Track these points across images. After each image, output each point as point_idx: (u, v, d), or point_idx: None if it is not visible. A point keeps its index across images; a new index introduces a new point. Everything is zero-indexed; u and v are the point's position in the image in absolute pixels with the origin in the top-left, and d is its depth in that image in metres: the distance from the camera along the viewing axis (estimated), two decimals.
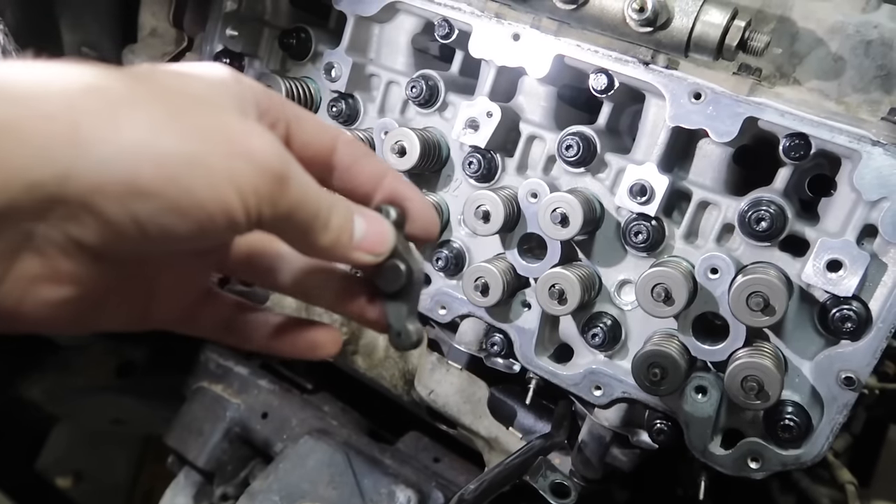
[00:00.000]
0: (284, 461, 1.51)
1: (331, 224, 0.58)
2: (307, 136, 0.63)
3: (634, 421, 1.20)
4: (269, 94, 0.61)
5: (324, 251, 0.59)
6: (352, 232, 0.60)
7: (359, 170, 0.66)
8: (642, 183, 1.05)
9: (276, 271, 0.71)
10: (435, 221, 0.70)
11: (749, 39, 0.97)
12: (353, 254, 0.61)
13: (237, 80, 0.59)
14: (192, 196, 0.48)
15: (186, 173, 0.48)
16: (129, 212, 0.47)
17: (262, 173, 0.51)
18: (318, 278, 0.71)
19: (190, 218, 0.49)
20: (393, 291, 0.66)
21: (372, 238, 0.62)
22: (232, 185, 0.49)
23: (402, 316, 0.67)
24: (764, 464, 1.07)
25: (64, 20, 1.56)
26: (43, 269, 0.49)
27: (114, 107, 0.47)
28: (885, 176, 0.93)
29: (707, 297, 1.04)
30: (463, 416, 1.42)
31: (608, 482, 1.32)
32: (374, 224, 0.63)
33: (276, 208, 0.53)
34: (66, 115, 0.45)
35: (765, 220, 0.99)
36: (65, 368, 2.33)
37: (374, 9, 1.26)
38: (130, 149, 0.46)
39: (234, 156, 0.50)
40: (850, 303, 0.97)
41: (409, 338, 0.67)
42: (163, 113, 0.49)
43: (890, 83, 1.00)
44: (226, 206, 0.49)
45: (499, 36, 1.14)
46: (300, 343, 0.71)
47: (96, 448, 2.49)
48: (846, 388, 0.99)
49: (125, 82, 0.50)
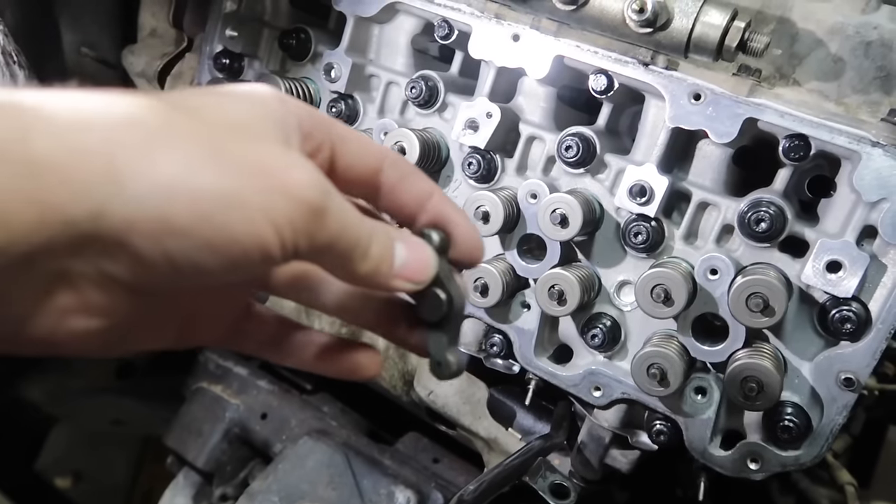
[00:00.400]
0: (284, 462, 1.51)
1: (370, 253, 0.57)
2: (352, 156, 0.62)
3: (634, 422, 1.20)
4: (313, 116, 0.60)
5: (363, 279, 0.58)
6: (392, 260, 0.59)
7: (404, 189, 0.65)
8: (642, 184, 1.05)
9: (318, 292, 0.70)
10: (479, 246, 0.68)
11: (749, 40, 0.97)
12: (394, 282, 0.60)
13: (282, 103, 0.57)
14: (227, 233, 0.48)
15: (221, 211, 0.47)
16: (162, 249, 0.46)
17: (300, 207, 0.50)
18: (359, 300, 0.70)
19: (224, 254, 0.48)
20: (433, 321, 0.64)
21: (413, 266, 0.60)
22: (268, 220, 0.49)
23: (442, 345, 0.65)
24: (763, 465, 1.07)
25: (63, 20, 1.56)
26: (76, 303, 0.49)
27: (151, 141, 0.47)
28: (885, 177, 0.93)
29: (707, 298, 1.04)
30: (462, 417, 1.42)
31: (607, 483, 1.32)
32: (415, 251, 0.61)
33: (314, 241, 0.52)
34: (103, 149, 0.45)
35: (764, 221, 0.99)
36: (65, 369, 2.33)
37: (373, 9, 1.26)
38: (165, 186, 0.46)
39: (271, 190, 0.49)
40: (850, 304, 0.97)
41: (450, 368, 0.65)
42: (200, 147, 0.48)
43: (889, 84, 1.00)
44: (261, 241, 0.49)
45: (498, 37, 1.14)
46: (343, 364, 0.70)
47: (96, 448, 2.49)
48: (846, 389, 0.99)
49: (165, 115, 0.49)
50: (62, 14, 1.56)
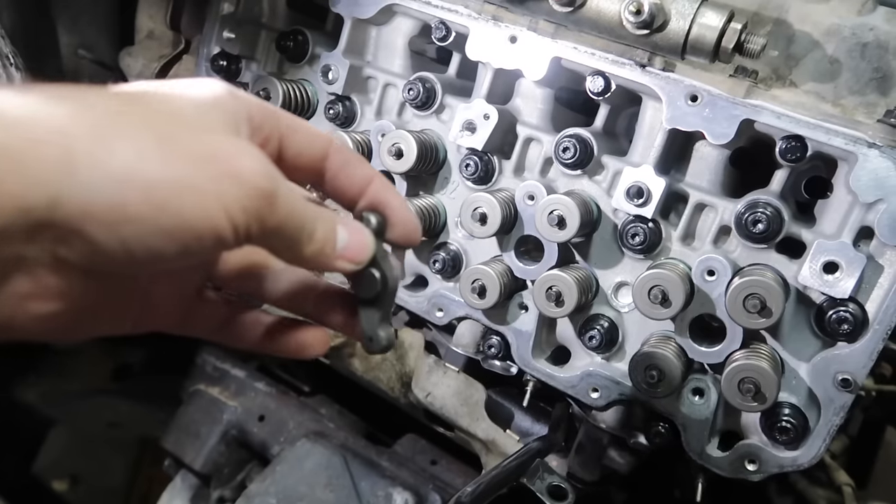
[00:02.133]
0: (281, 464, 1.50)
1: (315, 235, 0.60)
2: (301, 145, 0.66)
3: (632, 423, 1.20)
4: (263, 108, 0.63)
5: (308, 261, 0.62)
6: (335, 242, 0.62)
7: (346, 176, 0.69)
8: (639, 185, 1.05)
9: (262, 283, 0.74)
10: (415, 228, 0.72)
11: (745, 42, 0.97)
12: (336, 262, 0.63)
13: (231, 96, 0.60)
14: (181, 219, 0.50)
15: (174, 198, 0.49)
16: (117, 236, 0.48)
17: (251, 193, 0.53)
18: (301, 291, 0.75)
19: (179, 240, 0.50)
20: (368, 298, 0.69)
21: (353, 247, 0.64)
22: (221, 206, 0.51)
23: (374, 322, 0.69)
24: (761, 466, 1.07)
25: (61, 22, 1.56)
26: (33, 288, 0.51)
27: (104, 132, 0.48)
28: (882, 178, 0.93)
29: (704, 299, 1.04)
30: (460, 419, 1.42)
31: (605, 484, 1.32)
32: (355, 234, 0.65)
33: (265, 224, 0.55)
34: (57, 139, 0.46)
35: (761, 222, 0.99)
36: (61, 372, 2.32)
37: (371, 11, 1.26)
38: (119, 175, 0.47)
39: (223, 177, 0.52)
40: (847, 304, 0.97)
41: (379, 343, 0.70)
42: (152, 138, 0.50)
43: (886, 85, 1.01)
44: (214, 226, 0.51)
45: (496, 38, 1.15)
46: (290, 343, 0.74)
47: (93, 451, 2.48)
48: (843, 390, 1.00)
49: (116, 107, 0.51)
50: (59, 16, 1.55)
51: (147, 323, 0.68)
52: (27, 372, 2.26)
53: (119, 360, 2.38)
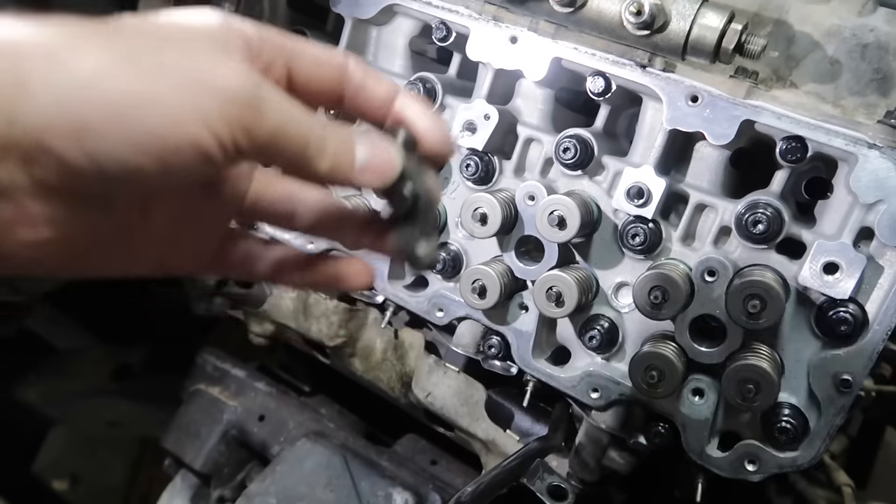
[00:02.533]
0: (281, 464, 1.50)
1: (327, 148, 0.57)
2: (310, 69, 0.62)
3: (631, 423, 1.20)
4: (263, 35, 0.60)
5: (325, 177, 0.59)
6: (353, 156, 0.59)
7: (367, 95, 0.65)
8: (639, 185, 1.05)
9: (294, 214, 0.72)
10: (447, 139, 0.68)
11: (746, 42, 0.97)
12: (358, 177, 0.60)
13: (224, 23, 0.58)
14: (148, 131, 0.48)
15: (134, 108, 0.48)
16: (83, 149, 0.47)
17: (230, 102, 0.51)
18: (336, 218, 0.72)
19: (151, 153, 0.49)
20: (401, 214, 0.66)
21: (377, 161, 0.61)
22: (197, 117, 0.49)
23: (413, 238, 0.66)
24: (761, 466, 1.07)
25: None
26: (15, 214, 0.50)
27: (63, 50, 0.47)
28: (882, 179, 0.93)
29: (704, 300, 1.04)
30: (460, 419, 1.42)
31: (605, 484, 1.32)
32: (377, 147, 0.61)
33: (254, 136, 0.52)
34: (10, 60, 0.45)
35: (762, 223, 0.99)
36: (61, 371, 2.32)
37: (371, 11, 1.26)
38: (76, 87, 0.46)
39: (196, 89, 0.50)
40: (847, 305, 0.97)
41: (421, 261, 0.66)
42: (117, 54, 0.49)
43: (886, 86, 1.01)
44: (192, 138, 0.49)
45: (496, 39, 1.15)
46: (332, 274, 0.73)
47: (93, 451, 2.48)
48: (843, 391, 1.00)
49: (82, 28, 0.50)
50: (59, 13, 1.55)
51: (175, 264, 0.66)
52: (27, 371, 2.27)
53: (119, 360, 2.38)
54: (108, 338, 2.38)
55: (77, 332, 2.35)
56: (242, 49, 0.57)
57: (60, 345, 2.34)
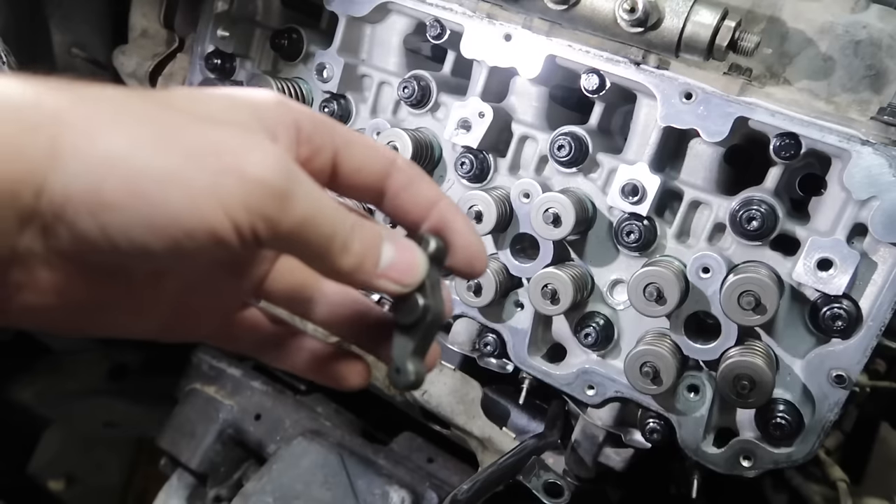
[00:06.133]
0: (278, 462, 1.50)
1: (353, 247, 0.55)
2: (358, 161, 0.61)
3: (627, 420, 1.20)
4: (315, 119, 0.59)
5: (346, 275, 0.56)
6: (378, 258, 0.57)
7: (410, 195, 0.63)
8: (634, 183, 1.05)
9: (312, 303, 0.70)
10: (482, 258, 0.66)
11: (739, 39, 0.98)
12: (378, 281, 0.58)
13: (278, 103, 0.56)
14: (165, 212, 0.47)
15: (157, 189, 0.47)
16: (98, 224, 0.46)
17: (255, 189, 0.49)
18: (351, 316, 0.70)
19: (164, 234, 0.47)
20: (404, 324, 0.62)
21: (400, 266, 0.58)
22: (216, 201, 0.48)
23: (406, 352, 0.62)
24: (756, 462, 1.07)
25: (54, 21, 1.55)
26: (25, 279, 0.50)
27: (99, 121, 0.47)
28: (875, 175, 0.94)
29: (699, 297, 1.05)
30: (456, 417, 1.42)
31: (601, 481, 1.32)
32: (404, 252, 0.59)
33: (277, 227, 0.50)
34: (49, 127, 0.45)
35: (756, 220, 0.99)
36: (57, 371, 2.31)
37: (365, 9, 1.26)
38: (101, 161, 0.46)
39: (221, 171, 0.48)
40: (841, 301, 0.97)
41: (407, 377, 0.62)
42: (151, 130, 0.48)
43: (879, 83, 1.01)
44: (208, 223, 0.48)
45: (490, 36, 1.15)
46: (332, 373, 0.71)
47: (89, 451, 2.47)
48: (837, 387, 1.00)
49: (123, 98, 0.50)
50: (53, 14, 1.55)
51: (181, 331, 0.65)
52: (23, 371, 2.26)
53: (115, 359, 2.38)
54: (103, 338, 2.37)
55: None
56: (291, 133, 0.56)
57: (56, 345, 2.33)
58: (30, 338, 2.24)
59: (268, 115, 0.55)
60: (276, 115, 0.56)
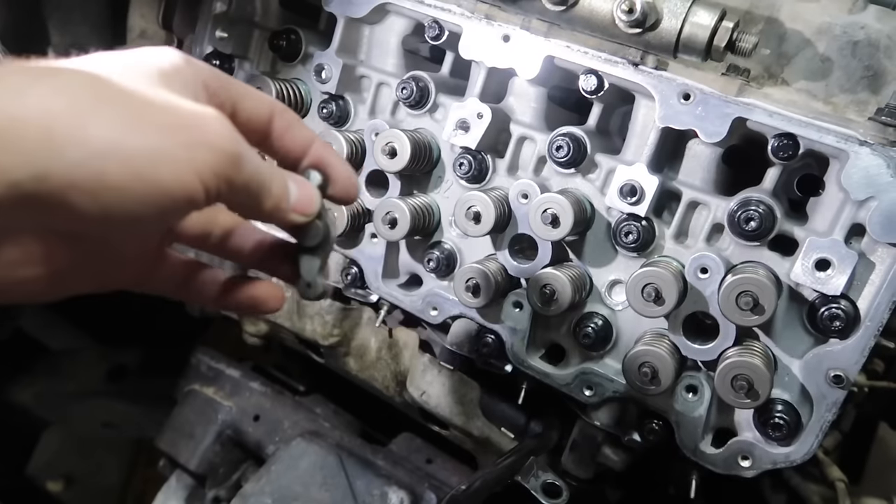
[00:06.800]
0: (277, 463, 1.50)
1: (272, 192, 0.66)
2: (250, 110, 0.71)
3: (626, 420, 1.20)
4: (216, 75, 0.68)
5: (266, 215, 0.67)
6: (288, 197, 0.68)
7: (291, 137, 0.75)
8: (632, 183, 1.05)
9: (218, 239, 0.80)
10: (354, 185, 0.78)
11: (737, 40, 0.98)
12: (289, 215, 0.69)
13: (188, 64, 0.65)
14: (157, 185, 0.54)
15: (151, 167, 0.53)
16: (99, 204, 0.52)
17: (220, 156, 0.57)
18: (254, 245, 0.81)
19: (155, 204, 0.55)
20: (310, 246, 0.75)
21: (303, 201, 0.70)
22: (194, 171, 0.56)
23: (314, 269, 0.75)
24: (754, 462, 1.07)
25: (52, 22, 1.55)
26: (21, 256, 0.56)
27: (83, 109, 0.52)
28: (873, 175, 0.94)
29: (697, 297, 1.05)
30: (455, 417, 1.42)
31: (600, 482, 1.32)
32: (303, 188, 0.71)
33: (232, 184, 0.60)
34: (39, 119, 0.50)
35: (754, 220, 0.99)
36: (55, 372, 2.31)
37: (364, 10, 1.26)
38: (99, 149, 0.51)
39: (195, 145, 0.56)
40: (839, 301, 0.97)
41: (317, 289, 0.76)
42: (126, 112, 0.54)
43: (877, 83, 1.01)
44: (187, 189, 0.56)
45: (489, 37, 1.15)
46: (246, 298, 0.80)
47: (87, 452, 2.47)
48: (835, 387, 1.00)
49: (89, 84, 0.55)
50: (51, 16, 1.55)
51: (113, 281, 0.72)
52: (21, 373, 2.26)
53: (113, 361, 2.38)
54: (102, 339, 2.37)
55: (71, 333, 2.34)
56: (204, 91, 0.66)
57: (55, 346, 2.33)
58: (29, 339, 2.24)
59: (187, 77, 0.64)
60: (192, 77, 0.65)
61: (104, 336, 2.36)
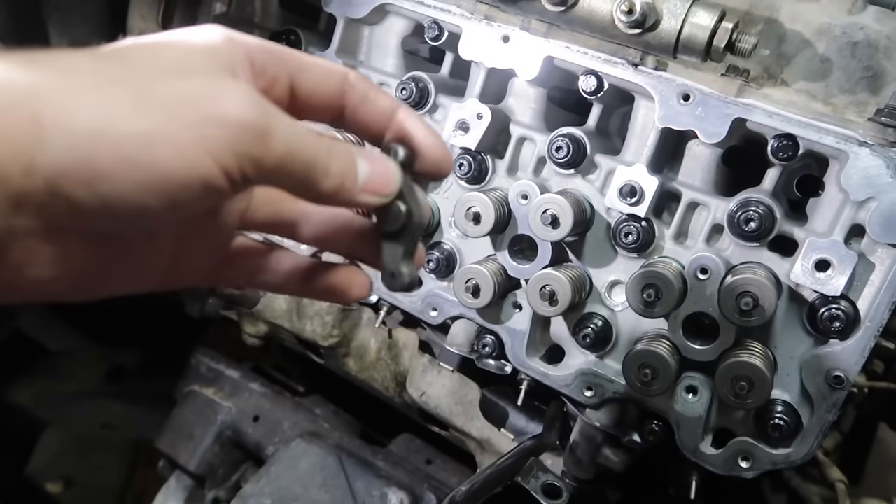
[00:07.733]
0: (276, 464, 1.50)
1: (331, 170, 0.57)
2: (313, 84, 0.63)
3: (626, 421, 1.20)
4: (266, 49, 0.60)
5: (329, 197, 0.59)
6: (355, 175, 0.59)
7: (367, 110, 0.65)
8: (632, 184, 1.05)
9: (296, 225, 0.72)
10: (447, 157, 0.67)
11: (737, 41, 0.98)
12: (359, 196, 0.60)
13: (228, 40, 0.57)
14: (157, 171, 0.48)
15: (146, 151, 0.47)
16: (95, 194, 0.47)
17: (237, 131, 0.50)
18: (336, 230, 0.72)
19: (161, 192, 0.49)
20: (391, 231, 0.66)
21: (377, 179, 0.61)
22: (203, 151, 0.49)
23: (397, 257, 0.66)
24: (754, 463, 1.07)
25: (52, 22, 1.55)
26: (26, 257, 0.51)
27: (75, 93, 0.47)
28: (872, 176, 0.94)
29: (697, 298, 1.05)
30: (455, 418, 1.42)
31: (600, 483, 1.32)
32: (378, 165, 0.62)
33: (263, 163, 0.52)
34: (27, 106, 0.45)
35: (754, 221, 0.99)
36: (55, 373, 2.31)
37: (363, 11, 1.26)
38: (87, 134, 0.46)
39: (203, 121, 0.49)
40: (839, 302, 0.97)
41: (402, 279, 0.66)
42: (125, 94, 0.49)
43: (876, 84, 1.01)
44: (199, 173, 0.49)
45: (488, 38, 1.15)
46: (330, 285, 0.72)
47: (87, 453, 2.47)
48: (835, 387, 1.00)
49: (91, 65, 0.50)
50: (51, 16, 1.55)
51: (178, 280, 0.67)
52: (20, 373, 2.26)
53: (113, 361, 2.37)
54: (101, 339, 2.37)
55: (70, 333, 2.34)
56: (247, 67, 0.57)
57: (54, 346, 2.33)
58: (27, 339, 2.24)
59: (222, 53, 0.56)
60: (229, 52, 0.57)
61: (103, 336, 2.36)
